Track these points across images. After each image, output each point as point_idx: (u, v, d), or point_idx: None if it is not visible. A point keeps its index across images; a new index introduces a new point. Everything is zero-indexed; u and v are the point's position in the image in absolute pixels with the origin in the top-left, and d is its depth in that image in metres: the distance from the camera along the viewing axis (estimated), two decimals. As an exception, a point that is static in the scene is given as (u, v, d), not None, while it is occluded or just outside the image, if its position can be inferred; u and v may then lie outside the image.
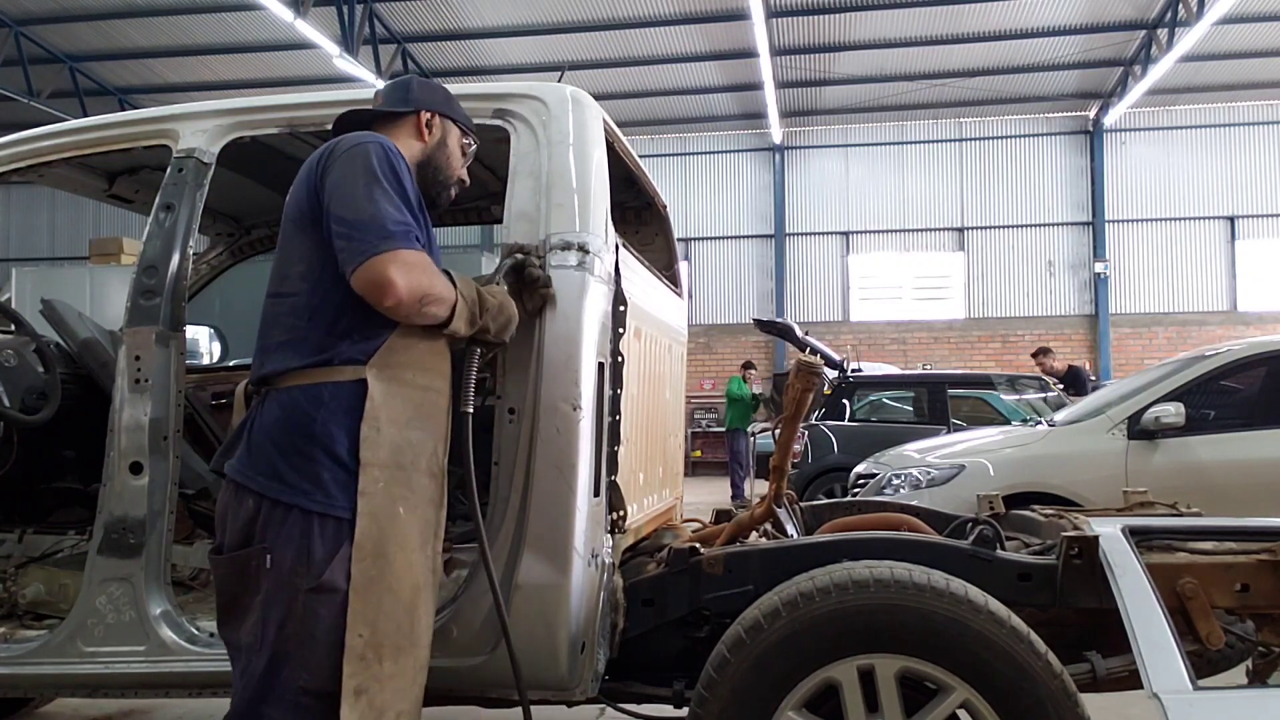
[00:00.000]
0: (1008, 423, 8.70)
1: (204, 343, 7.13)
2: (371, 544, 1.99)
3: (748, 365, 15.17)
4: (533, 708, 2.38)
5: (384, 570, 1.99)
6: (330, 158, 2.09)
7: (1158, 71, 15.84)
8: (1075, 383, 10.62)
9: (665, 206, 3.84)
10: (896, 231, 19.67)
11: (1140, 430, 5.45)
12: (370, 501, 2.00)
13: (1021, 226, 19.27)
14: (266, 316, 2.13)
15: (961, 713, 2.26)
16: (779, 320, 14.54)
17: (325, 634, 1.96)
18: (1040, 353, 11.56)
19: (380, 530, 2.00)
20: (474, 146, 2.47)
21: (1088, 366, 15.51)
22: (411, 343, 2.09)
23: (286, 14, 13.50)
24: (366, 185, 2.01)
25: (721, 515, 3.58)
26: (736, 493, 13.61)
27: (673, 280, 3.79)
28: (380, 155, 2.07)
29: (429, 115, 2.34)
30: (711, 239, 20.17)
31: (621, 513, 2.66)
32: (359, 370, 2.03)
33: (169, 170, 2.80)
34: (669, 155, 19.91)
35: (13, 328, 3.33)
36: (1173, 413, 5.35)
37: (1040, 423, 6.58)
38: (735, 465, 14.09)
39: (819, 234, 19.90)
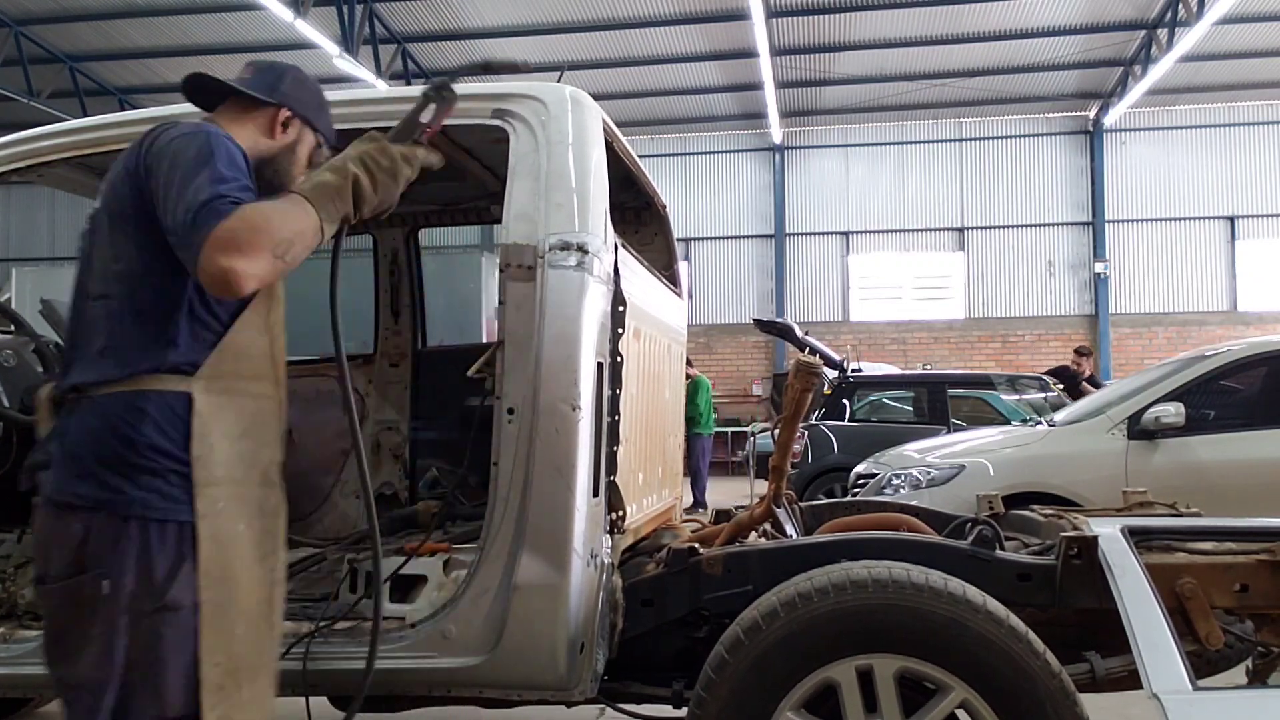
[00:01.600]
0: (1008, 423, 8.70)
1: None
2: (218, 569, 1.86)
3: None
4: (533, 708, 2.37)
5: (233, 592, 1.88)
6: (151, 152, 1.88)
7: (1158, 71, 15.85)
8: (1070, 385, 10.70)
9: (665, 206, 3.84)
10: (896, 231, 19.68)
11: (1140, 430, 5.45)
12: (211, 524, 1.86)
13: (1021, 226, 19.28)
14: (85, 319, 1.90)
15: (960, 712, 2.26)
16: (779, 320, 14.51)
17: (173, 656, 1.82)
18: (1085, 354, 11.68)
19: (224, 553, 1.87)
20: (327, 157, 2.21)
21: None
22: (243, 348, 1.93)
23: (286, 14, 13.51)
24: (185, 178, 1.81)
25: (721, 515, 3.58)
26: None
27: (672, 280, 3.79)
28: (204, 145, 1.86)
29: (288, 114, 2.13)
30: (711, 239, 20.17)
31: (620, 513, 2.66)
32: (184, 381, 1.86)
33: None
34: (669, 155, 19.92)
35: (13, 328, 3.33)
36: (1173, 413, 5.35)
37: (1040, 423, 6.58)
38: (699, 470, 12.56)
39: (819, 234, 19.90)
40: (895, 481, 6.19)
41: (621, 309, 2.64)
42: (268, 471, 1.99)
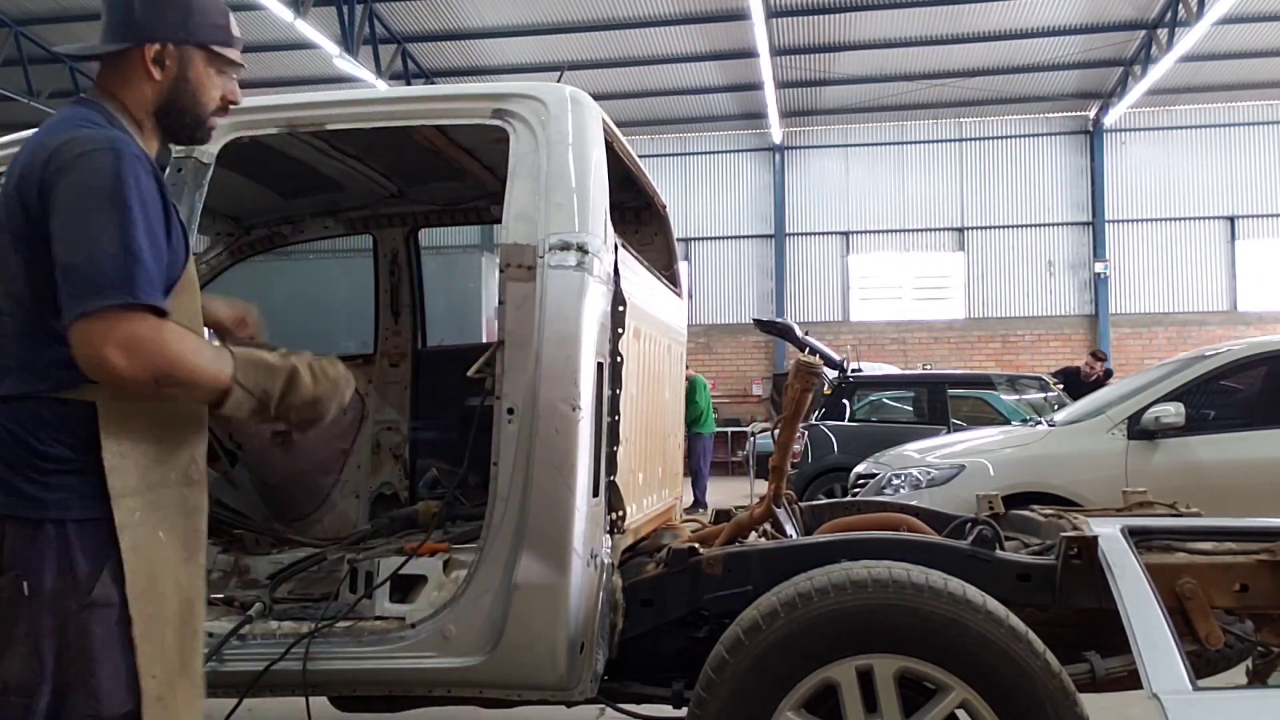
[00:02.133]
0: (1008, 423, 8.70)
1: (204, 343, 7.13)
2: (144, 580, 1.79)
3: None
4: (533, 708, 2.37)
5: (160, 605, 1.82)
6: (54, 166, 1.75)
7: (1158, 71, 15.85)
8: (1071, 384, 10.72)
9: (665, 206, 3.84)
10: (896, 231, 19.68)
11: (1140, 430, 5.45)
12: (132, 535, 1.78)
13: (1021, 226, 19.27)
14: None
15: (960, 712, 2.26)
16: (779, 320, 14.50)
17: (104, 652, 1.76)
18: (1100, 358, 11.85)
19: (149, 564, 1.81)
20: (236, 62, 2.02)
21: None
22: None
23: (286, 14, 13.50)
24: (88, 212, 1.70)
25: (721, 515, 3.58)
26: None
27: (672, 280, 3.79)
28: (112, 169, 1.73)
29: (155, 48, 1.94)
30: (711, 239, 20.17)
31: (620, 513, 2.66)
32: (84, 391, 1.76)
33: (167, 170, 2.80)
34: (669, 155, 19.91)
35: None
36: (1173, 413, 5.35)
37: (1040, 423, 6.58)
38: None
39: (819, 234, 19.90)
40: (895, 481, 6.19)
41: (621, 309, 2.64)
42: (189, 470, 1.90)
